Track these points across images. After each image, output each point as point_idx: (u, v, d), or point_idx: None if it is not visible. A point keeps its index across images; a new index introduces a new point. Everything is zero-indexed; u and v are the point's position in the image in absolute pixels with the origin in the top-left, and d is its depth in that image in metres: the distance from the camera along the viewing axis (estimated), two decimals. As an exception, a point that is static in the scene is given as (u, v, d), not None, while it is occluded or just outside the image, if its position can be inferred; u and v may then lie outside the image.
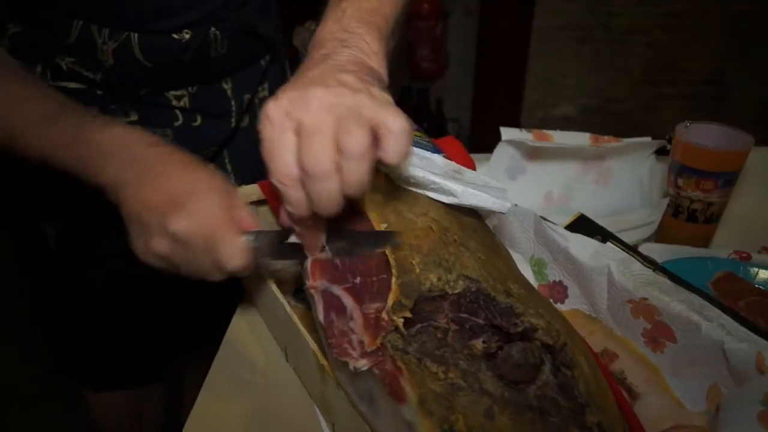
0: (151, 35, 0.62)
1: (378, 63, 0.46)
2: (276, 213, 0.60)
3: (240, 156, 0.78)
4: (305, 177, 0.37)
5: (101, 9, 0.60)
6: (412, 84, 2.43)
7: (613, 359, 0.52)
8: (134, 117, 0.67)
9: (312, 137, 0.37)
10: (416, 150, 0.52)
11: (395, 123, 0.37)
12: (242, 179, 0.77)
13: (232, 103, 0.73)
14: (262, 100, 0.79)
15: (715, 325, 0.46)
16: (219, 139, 0.74)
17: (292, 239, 0.45)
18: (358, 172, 0.36)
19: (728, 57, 2.26)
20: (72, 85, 0.64)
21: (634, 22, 2.21)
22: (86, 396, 0.89)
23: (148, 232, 0.45)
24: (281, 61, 0.83)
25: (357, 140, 0.36)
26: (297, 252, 0.44)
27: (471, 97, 2.45)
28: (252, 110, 0.78)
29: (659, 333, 0.50)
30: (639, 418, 0.45)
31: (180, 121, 0.69)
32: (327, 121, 0.37)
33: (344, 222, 0.44)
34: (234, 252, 0.43)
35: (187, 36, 0.64)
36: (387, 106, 0.38)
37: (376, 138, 0.37)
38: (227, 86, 0.72)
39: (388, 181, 0.48)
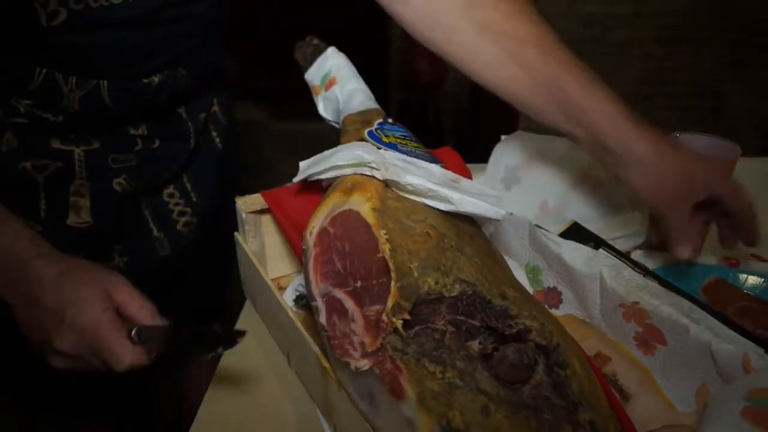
0: (121, 81, 0.62)
1: None
2: (278, 221, 0.62)
3: (198, 173, 0.78)
4: None
5: (68, 59, 0.58)
6: (411, 96, 2.46)
7: (606, 362, 0.54)
8: (96, 145, 0.66)
9: None
10: (415, 160, 0.54)
11: None
12: (202, 195, 0.78)
13: (190, 125, 0.74)
14: (213, 116, 0.79)
15: (703, 328, 0.48)
16: (180, 159, 0.74)
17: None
18: None
19: (722, 69, 2.29)
20: (27, 121, 0.62)
21: (629, 35, 2.25)
22: (71, 426, 0.88)
23: (43, 350, 0.49)
24: (225, 86, 0.83)
25: None
26: (201, 344, 0.48)
27: (468, 109, 2.48)
28: (205, 128, 0.78)
29: (650, 336, 0.52)
30: (631, 418, 0.47)
31: (140, 146, 0.69)
32: None
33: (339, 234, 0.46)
34: (121, 353, 0.46)
35: (156, 79, 0.64)
36: None
37: None
38: (181, 110, 0.73)
39: (387, 189, 0.50)
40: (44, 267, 0.50)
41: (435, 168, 0.54)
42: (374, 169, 0.49)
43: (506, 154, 0.75)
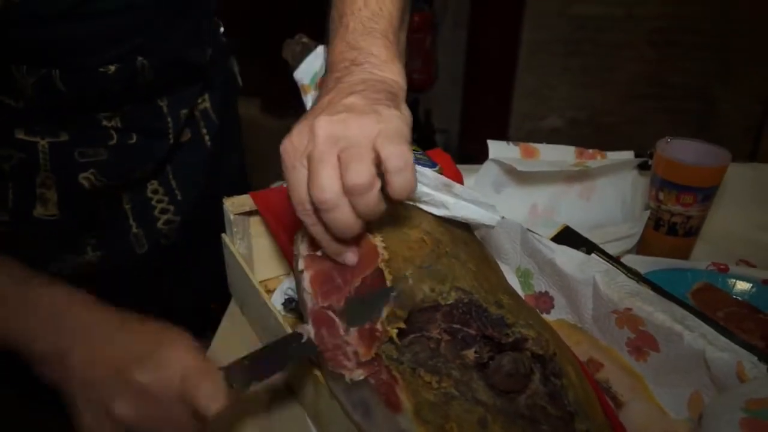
0: (74, 71, 0.59)
1: (390, 70, 0.46)
2: (268, 223, 0.61)
3: (184, 170, 0.75)
4: (317, 207, 0.38)
5: (15, 49, 0.55)
6: (401, 94, 2.45)
7: (598, 368, 0.54)
8: (64, 137, 0.63)
9: (317, 170, 0.38)
10: None
11: (394, 161, 0.37)
12: (187, 193, 0.75)
13: (168, 119, 0.70)
14: (203, 112, 0.77)
15: (697, 335, 0.48)
16: (158, 155, 0.71)
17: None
18: (364, 204, 0.37)
19: (714, 73, 2.31)
20: None
21: (621, 37, 2.25)
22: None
23: (107, 397, 0.41)
24: (222, 83, 0.80)
25: (356, 175, 0.36)
26: (274, 367, 0.44)
27: (460, 109, 2.48)
28: (193, 123, 0.75)
29: (643, 342, 0.51)
30: (624, 426, 0.46)
31: (114, 140, 0.66)
32: (331, 152, 0.38)
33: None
34: (214, 393, 0.40)
35: (113, 69, 0.61)
36: (391, 134, 0.38)
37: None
38: (162, 103, 0.69)
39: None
40: (117, 313, 0.44)
41: (428, 171, 0.54)
42: None
43: (497, 160, 0.75)
